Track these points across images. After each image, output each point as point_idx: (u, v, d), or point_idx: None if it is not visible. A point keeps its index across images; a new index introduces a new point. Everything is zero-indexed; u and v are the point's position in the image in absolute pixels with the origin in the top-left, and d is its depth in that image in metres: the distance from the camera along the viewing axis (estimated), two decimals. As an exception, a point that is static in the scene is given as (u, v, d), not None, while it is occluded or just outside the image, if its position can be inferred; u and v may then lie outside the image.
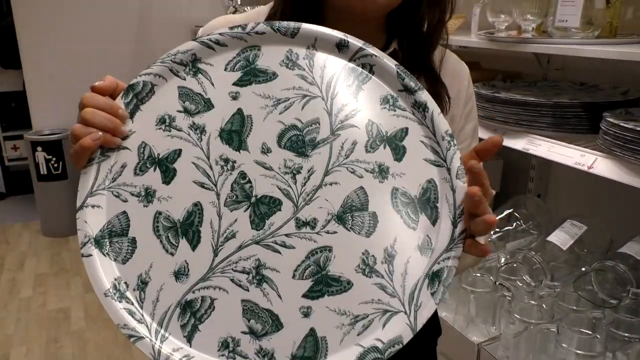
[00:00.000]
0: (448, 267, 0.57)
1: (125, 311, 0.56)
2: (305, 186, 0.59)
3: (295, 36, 0.62)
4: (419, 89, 0.63)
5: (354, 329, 0.57)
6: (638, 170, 1.00)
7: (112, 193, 0.59)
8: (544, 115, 1.23)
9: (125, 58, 3.80)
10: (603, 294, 1.11)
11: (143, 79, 0.62)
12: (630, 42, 1.21)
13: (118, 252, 0.58)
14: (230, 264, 0.58)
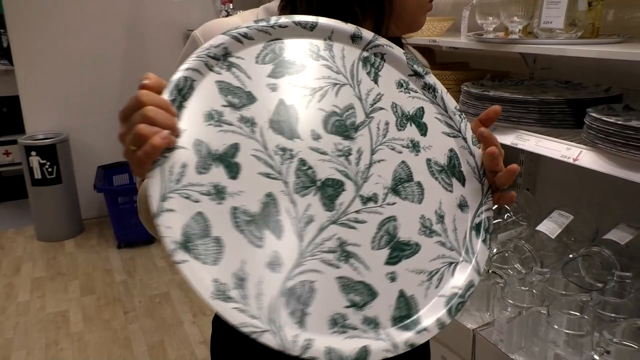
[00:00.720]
0: (487, 218, 0.68)
1: (236, 310, 0.54)
2: (358, 165, 0.64)
3: (313, 29, 0.67)
4: (427, 73, 0.71)
5: (432, 283, 0.64)
6: (620, 161, 1.06)
7: (180, 195, 0.56)
8: (531, 111, 1.29)
9: (117, 62, 3.82)
10: (590, 278, 1.17)
11: (183, 74, 0.60)
12: (611, 42, 1.26)
13: (205, 253, 0.55)
14: (317, 246, 0.59)
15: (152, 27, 3.84)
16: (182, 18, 3.86)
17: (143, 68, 3.88)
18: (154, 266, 3.25)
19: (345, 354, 0.55)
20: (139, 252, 3.45)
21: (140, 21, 3.80)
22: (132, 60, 3.84)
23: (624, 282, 1.14)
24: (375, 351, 0.57)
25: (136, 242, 3.52)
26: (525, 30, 1.44)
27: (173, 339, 2.54)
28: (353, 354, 0.56)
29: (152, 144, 0.52)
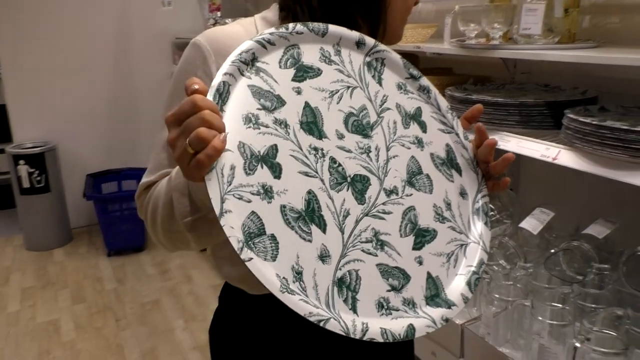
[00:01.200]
0: (485, 203, 0.77)
1: (302, 301, 0.57)
2: (378, 162, 0.70)
3: (325, 35, 0.72)
4: (421, 76, 0.78)
5: (450, 264, 0.71)
6: (596, 159, 1.11)
7: (234, 196, 0.58)
8: (512, 114, 1.34)
9: (106, 70, 3.83)
10: (571, 271, 1.23)
11: (222, 79, 0.62)
12: (586, 47, 1.33)
13: (264, 251, 0.58)
14: (356, 237, 0.65)
15: (140, 35, 3.86)
16: (170, 26, 3.89)
17: (131, 76, 3.90)
18: (144, 273, 3.26)
19: (397, 332, 0.62)
20: (129, 259, 3.46)
21: (128, 30, 3.82)
22: (120, 69, 3.86)
23: (602, 274, 1.20)
24: (419, 328, 0.64)
25: (126, 250, 3.53)
26: (505, 37, 1.50)
27: (165, 345, 2.56)
28: (403, 332, 0.62)
29: (214, 146, 0.54)
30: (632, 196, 1.37)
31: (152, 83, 3.95)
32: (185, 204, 0.69)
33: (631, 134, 1.02)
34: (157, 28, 3.88)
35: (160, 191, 0.73)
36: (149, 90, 3.96)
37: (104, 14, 3.72)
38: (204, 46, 0.77)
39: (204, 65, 0.76)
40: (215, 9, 3.43)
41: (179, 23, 3.89)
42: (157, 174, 0.79)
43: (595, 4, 1.53)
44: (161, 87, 4.00)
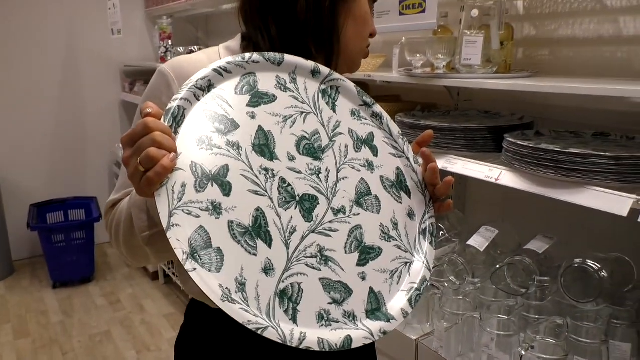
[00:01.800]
0: (431, 224, 0.80)
1: (242, 310, 0.61)
2: (327, 182, 0.74)
3: (280, 65, 0.76)
4: (374, 103, 0.83)
5: (393, 280, 0.75)
6: (534, 179, 1.21)
7: (183, 211, 0.62)
8: (458, 138, 1.43)
9: (52, 98, 3.75)
10: (515, 285, 1.31)
11: (177, 103, 0.66)
12: (521, 76, 1.44)
13: (209, 262, 0.62)
14: (301, 253, 0.69)
15: (89, 62, 3.81)
16: (119, 54, 3.86)
17: (78, 104, 3.83)
18: (93, 305, 3.16)
19: (333, 343, 0.65)
20: (76, 291, 3.34)
21: (76, 58, 3.76)
22: (67, 96, 3.79)
23: (543, 286, 1.29)
24: (357, 339, 0.67)
25: (72, 281, 3.41)
26: (448, 66, 1.60)
27: (117, 377, 2.48)
28: (340, 343, 0.66)
29: (163, 165, 0.59)
30: (567, 213, 1.48)
31: (100, 111, 3.90)
32: (144, 219, 0.72)
33: (563, 155, 1.12)
34: (106, 56, 3.84)
35: (123, 208, 0.78)
36: (97, 118, 3.89)
37: (52, 40, 3.66)
38: (169, 73, 0.81)
39: (168, 91, 0.81)
40: (166, 37, 3.44)
41: (128, 50, 3.87)
42: (122, 192, 0.83)
43: (527, 37, 1.67)
44: (110, 115, 3.95)
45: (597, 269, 1.18)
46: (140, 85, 3.57)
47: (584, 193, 1.09)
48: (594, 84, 1.17)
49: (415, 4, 1.37)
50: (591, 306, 1.20)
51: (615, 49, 1.45)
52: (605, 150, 1.12)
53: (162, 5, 3.46)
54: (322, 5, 0.80)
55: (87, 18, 3.73)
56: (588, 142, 1.26)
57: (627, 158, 1.07)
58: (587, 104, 1.46)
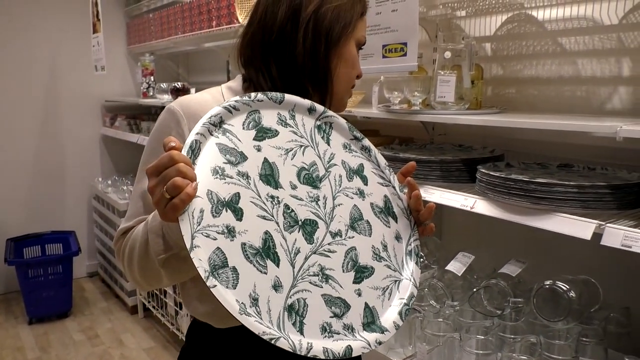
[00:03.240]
0: (416, 246, 0.89)
1: (257, 322, 0.68)
2: (325, 208, 0.83)
3: (281, 103, 0.85)
4: (363, 137, 0.92)
5: (385, 297, 0.83)
6: (506, 207, 1.30)
7: (202, 234, 0.69)
8: (435, 170, 1.53)
9: (31, 132, 3.76)
10: (491, 306, 1.39)
11: (194, 137, 0.74)
12: (491, 112, 1.56)
13: (227, 280, 0.69)
14: (305, 271, 0.77)
15: (70, 97, 3.84)
16: (101, 89, 3.90)
17: (58, 138, 3.85)
18: (71, 340, 3.12)
19: (337, 351, 0.73)
20: (53, 326, 3.29)
21: (58, 91, 3.80)
22: (47, 130, 3.80)
23: (517, 307, 1.37)
24: (356, 348, 0.76)
25: (49, 317, 3.36)
26: (424, 103, 1.71)
27: (96, 413, 2.45)
28: (342, 351, 0.74)
29: (187, 192, 0.66)
30: (537, 238, 1.58)
31: (80, 145, 3.91)
32: (160, 244, 0.79)
33: (532, 185, 1.22)
34: (88, 91, 3.89)
35: (138, 234, 0.84)
36: (77, 152, 3.91)
37: (34, 75, 3.69)
38: (178, 112, 0.89)
39: (177, 127, 0.88)
40: (148, 73, 3.52)
41: (110, 86, 3.92)
42: (134, 220, 0.89)
43: (496, 77, 1.81)
44: (90, 149, 3.96)
45: (566, 290, 1.28)
46: (121, 119, 3.61)
47: (551, 219, 1.19)
48: (559, 120, 1.29)
49: (397, 48, 1.48)
50: (562, 325, 1.28)
51: (575, 87, 1.59)
52: (570, 180, 1.23)
53: (144, 43, 3.55)
54: (317, 49, 0.90)
55: (71, 54, 3.78)
56: (554, 173, 1.37)
57: (590, 187, 1.17)
58: (552, 138, 1.58)
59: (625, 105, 1.48)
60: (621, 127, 1.08)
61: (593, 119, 1.34)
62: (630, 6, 1.43)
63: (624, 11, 1.45)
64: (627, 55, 1.46)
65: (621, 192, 1.17)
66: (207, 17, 2.71)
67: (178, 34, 3.03)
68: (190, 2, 2.88)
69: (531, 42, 1.69)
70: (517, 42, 1.73)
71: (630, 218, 1.14)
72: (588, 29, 1.54)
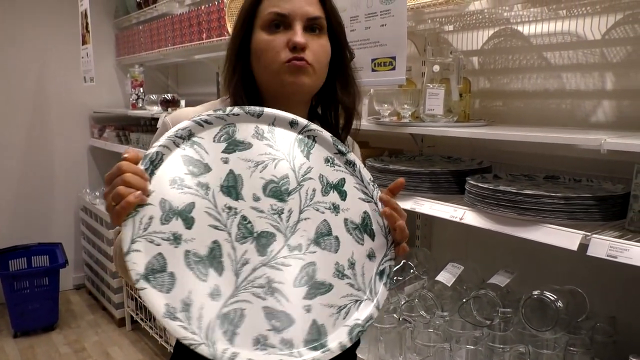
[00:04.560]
0: (389, 266, 0.85)
1: (181, 327, 0.70)
2: (288, 222, 0.81)
3: (260, 117, 0.84)
4: (348, 152, 0.89)
5: (340, 315, 0.80)
6: (494, 218, 1.32)
7: (146, 239, 0.73)
8: (424, 181, 1.55)
9: (18, 143, 3.73)
10: (480, 317, 1.41)
11: (156, 149, 0.77)
12: (479, 125, 1.59)
13: (162, 284, 0.72)
14: (250, 282, 0.76)
15: (58, 108, 3.82)
16: (89, 100, 3.89)
17: (45, 150, 3.82)
18: (57, 353, 3.08)
19: None
20: (39, 340, 3.24)
21: (45, 102, 3.77)
22: (34, 140, 3.77)
23: (506, 317, 1.39)
24: None
25: (35, 330, 3.32)
26: (413, 115, 1.74)
27: None
28: None
29: (127, 200, 0.71)
30: (525, 248, 1.60)
31: (68, 156, 3.89)
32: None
33: (519, 196, 1.25)
34: (76, 102, 3.87)
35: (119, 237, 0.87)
36: (65, 163, 3.88)
37: (21, 86, 3.67)
38: (168, 123, 0.92)
39: None
40: (137, 85, 3.52)
41: (98, 97, 3.90)
42: None
43: (483, 90, 1.84)
44: (77, 160, 3.94)
45: (553, 300, 1.30)
46: (109, 131, 3.60)
47: (538, 230, 1.22)
48: (545, 133, 1.31)
49: (386, 61, 1.51)
50: (550, 334, 1.30)
51: (560, 101, 1.63)
52: (556, 191, 1.26)
53: (134, 54, 3.56)
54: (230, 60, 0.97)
55: (59, 64, 3.77)
56: (540, 184, 1.40)
57: (575, 198, 1.20)
58: (538, 150, 1.61)
59: (609, 118, 1.51)
60: (605, 140, 1.11)
61: (578, 131, 1.37)
62: (613, 22, 1.48)
63: (607, 27, 1.49)
64: (610, 70, 1.50)
65: (607, 204, 1.20)
66: (197, 30, 2.72)
67: (168, 46, 3.04)
68: (180, 14, 2.90)
69: (517, 57, 1.73)
70: (503, 56, 1.77)
71: (616, 229, 1.17)
72: (572, 44, 1.57)
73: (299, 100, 0.96)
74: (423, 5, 1.55)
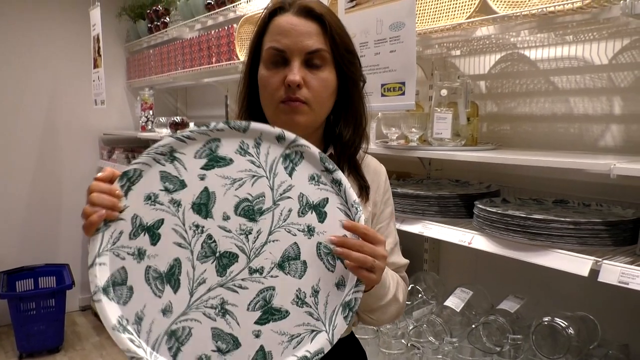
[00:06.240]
0: (356, 298, 0.81)
1: (128, 340, 0.75)
2: (255, 243, 0.80)
3: (246, 131, 0.82)
4: (336, 170, 0.83)
5: (290, 344, 0.79)
6: (503, 242, 1.31)
7: (112, 253, 0.77)
8: (432, 205, 1.54)
9: (28, 164, 3.76)
10: (490, 343, 1.39)
11: (133, 167, 0.79)
12: (487, 149, 1.59)
13: (120, 296, 0.76)
14: (202, 302, 0.78)
15: (68, 130, 3.86)
16: (99, 122, 3.93)
17: (55, 171, 3.85)
18: (62, 376, 3.05)
19: None
20: (44, 362, 3.23)
21: (56, 123, 3.82)
22: (44, 163, 3.81)
23: (516, 344, 1.37)
24: None
25: (40, 352, 3.30)
26: (421, 139, 1.74)
27: None
28: None
29: (90, 220, 0.76)
30: (534, 273, 1.59)
31: (76, 178, 3.91)
32: None
33: (529, 221, 1.24)
34: (86, 124, 3.91)
35: None
36: (73, 185, 3.90)
37: (32, 107, 3.72)
38: None
39: None
40: (147, 107, 3.56)
41: (107, 119, 3.95)
42: None
43: (490, 113, 1.84)
44: (86, 182, 3.95)
45: (564, 327, 1.28)
46: (119, 152, 3.63)
47: (548, 255, 1.21)
48: (554, 157, 1.31)
49: (396, 87, 1.52)
50: (561, 362, 1.28)
51: (568, 125, 1.63)
52: (566, 216, 1.25)
53: (144, 77, 3.61)
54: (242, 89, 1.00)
55: (70, 87, 3.82)
56: (549, 209, 1.39)
57: (585, 223, 1.19)
58: (547, 174, 1.61)
59: (618, 143, 1.51)
60: (615, 165, 1.11)
61: (587, 156, 1.37)
62: (619, 47, 1.48)
63: (614, 52, 1.50)
64: (618, 94, 1.50)
65: (617, 229, 1.19)
66: (207, 54, 2.76)
67: (178, 69, 3.08)
68: (190, 38, 2.94)
69: (524, 81, 1.74)
70: (510, 81, 1.78)
71: (627, 254, 1.15)
72: (579, 69, 1.58)
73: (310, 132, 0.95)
74: (430, 31, 1.57)
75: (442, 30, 1.55)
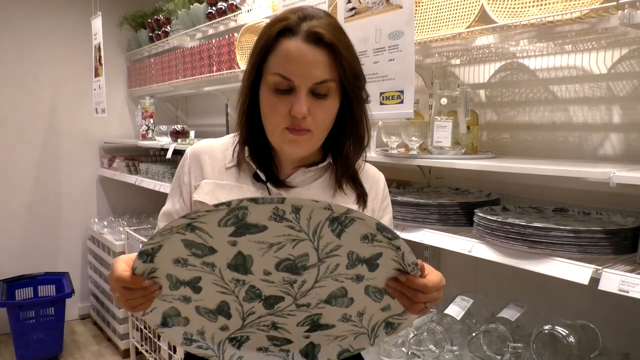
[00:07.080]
0: (399, 323, 0.86)
1: (196, 347, 0.88)
2: (301, 289, 0.80)
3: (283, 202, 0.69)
4: (397, 238, 0.74)
5: (337, 339, 0.89)
6: (503, 250, 1.32)
7: (159, 299, 0.83)
8: (433, 213, 1.55)
9: (28, 173, 3.76)
10: (490, 351, 1.38)
11: (148, 246, 0.74)
12: (486, 157, 1.59)
13: (178, 322, 0.86)
14: (255, 324, 0.84)
15: (68, 138, 3.86)
16: (100, 131, 3.94)
17: (55, 179, 3.85)
18: (60, 385, 3.04)
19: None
20: (43, 371, 3.21)
21: (56, 132, 3.82)
22: (43, 170, 3.80)
23: (517, 352, 1.37)
24: None
25: (39, 361, 3.28)
26: (421, 147, 1.75)
27: None
28: None
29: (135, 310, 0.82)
30: (534, 281, 1.59)
31: (77, 185, 3.92)
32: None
33: (529, 229, 1.24)
34: (86, 132, 3.91)
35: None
36: (73, 193, 3.90)
37: (33, 116, 3.73)
38: (187, 156, 1.00)
39: (183, 166, 1.02)
40: (148, 116, 3.57)
41: (108, 127, 3.95)
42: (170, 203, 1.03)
43: (490, 122, 1.85)
44: (86, 190, 3.96)
45: (565, 335, 1.28)
46: (119, 161, 3.64)
47: (548, 263, 1.21)
48: (553, 165, 1.32)
49: (394, 95, 1.53)
50: (562, 371, 1.27)
51: (567, 133, 1.63)
52: (566, 224, 1.25)
53: (145, 86, 3.62)
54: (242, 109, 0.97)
55: (71, 96, 3.83)
56: (549, 217, 1.39)
57: (585, 231, 1.19)
58: (546, 182, 1.61)
59: (617, 151, 1.52)
60: (614, 174, 1.11)
61: (586, 164, 1.37)
62: (618, 57, 1.49)
63: (612, 61, 1.51)
64: (617, 103, 1.51)
65: (617, 237, 1.19)
66: (207, 63, 2.77)
67: (179, 78, 3.09)
68: (191, 47, 2.96)
69: (524, 90, 1.74)
70: (510, 89, 1.78)
71: (627, 263, 1.16)
72: (578, 78, 1.59)
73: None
74: (431, 40, 1.58)
75: (442, 40, 1.56)
